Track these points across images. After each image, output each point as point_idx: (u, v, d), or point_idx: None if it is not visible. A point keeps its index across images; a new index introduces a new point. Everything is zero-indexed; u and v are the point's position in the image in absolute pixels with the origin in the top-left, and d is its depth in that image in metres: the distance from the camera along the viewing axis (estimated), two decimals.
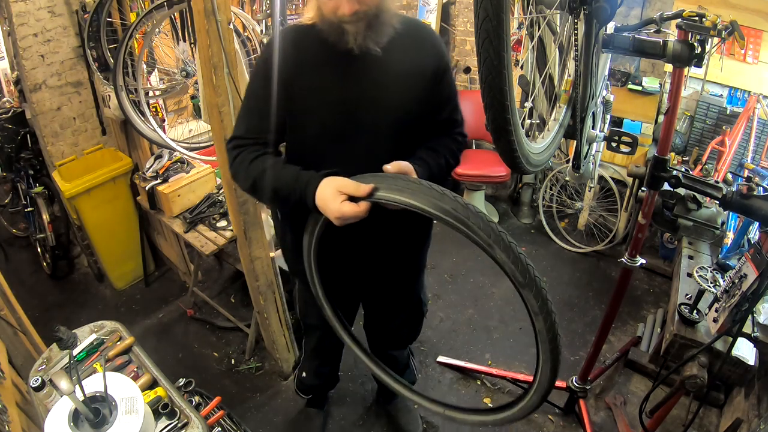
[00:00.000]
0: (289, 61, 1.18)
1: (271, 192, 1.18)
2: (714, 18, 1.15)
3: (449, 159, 1.29)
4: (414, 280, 1.65)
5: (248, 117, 1.26)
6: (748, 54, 2.51)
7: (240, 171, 1.22)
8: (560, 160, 3.20)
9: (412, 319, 1.78)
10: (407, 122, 1.25)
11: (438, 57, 1.25)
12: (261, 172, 1.18)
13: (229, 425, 1.51)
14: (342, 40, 1.11)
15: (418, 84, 1.23)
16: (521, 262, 0.92)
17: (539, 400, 1.19)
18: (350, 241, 1.34)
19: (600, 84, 1.43)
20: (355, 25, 1.08)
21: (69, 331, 1.30)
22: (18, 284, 2.94)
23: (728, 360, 1.45)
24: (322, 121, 1.21)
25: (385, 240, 1.36)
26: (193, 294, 2.76)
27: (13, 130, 2.93)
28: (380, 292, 1.65)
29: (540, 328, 0.98)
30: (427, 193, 0.96)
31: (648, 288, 2.88)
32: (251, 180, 1.20)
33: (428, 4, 3.64)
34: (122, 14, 2.47)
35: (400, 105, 1.22)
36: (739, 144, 2.44)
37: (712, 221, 1.38)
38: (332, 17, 1.08)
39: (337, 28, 1.10)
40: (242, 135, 1.24)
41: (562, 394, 2.13)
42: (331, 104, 1.20)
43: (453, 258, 3.15)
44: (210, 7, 1.47)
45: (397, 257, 1.46)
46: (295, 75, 1.18)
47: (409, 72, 1.21)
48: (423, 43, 1.24)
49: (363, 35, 1.10)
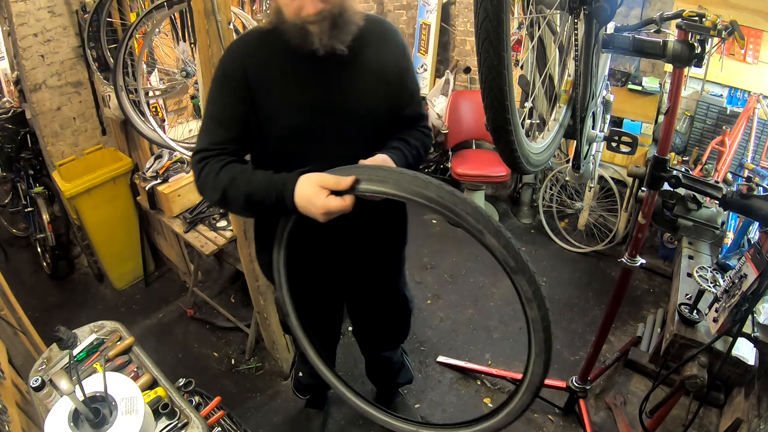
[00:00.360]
0: (250, 68, 1.15)
1: (244, 199, 1.12)
2: (714, 18, 1.15)
3: (420, 150, 1.30)
4: (394, 278, 1.63)
5: (211, 129, 1.21)
6: (748, 54, 2.51)
7: (207, 183, 1.16)
8: (560, 160, 3.19)
9: (399, 317, 1.77)
10: (376, 121, 1.25)
11: (402, 54, 1.25)
12: (230, 180, 1.13)
13: (229, 425, 1.51)
14: (306, 42, 1.08)
15: (385, 82, 1.22)
16: (512, 246, 0.90)
17: (530, 399, 1.10)
18: (325, 240, 1.33)
19: (600, 84, 1.43)
20: (320, 25, 1.06)
21: (69, 331, 1.30)
22: (18, 284, 2.95)
23: (728, 360, 1.45)
24: (288, 125, 1.18)
25: (360, 237, 1.36)
26: (193, 294, 2.76)
27: (13, 130, 2.93)
28: (361, 293, 1.64)
29: (534, 316, 0.94)
30: (411, 182, 0.93)
31: (648, 288, 2.88)
32: (221, 190, 1.14)
33: (428, 4, 3.64)
34: (122, 14, 2.47)
35: (369, 104, 1.22)
36: (739, 144, 2.44)
37: (712, 221, 1.38)
38: (296, 19, 1.06)
39: (300, 30, 1.07)
40: (206, 147, 1.19)
41: (562, 394, 2.13)
42: (297, 108, 1.18)
43: (453, 258, 3.15)
44: (210, 7, 1.47)
45: (374, 255, 1.45)
46: (258, 81, 1.15)
47: (375, 70, 1.21)
48: (387, 41, 1.24)
49: (328, 35, 1.08)
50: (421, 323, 2.65)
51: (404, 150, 1.23)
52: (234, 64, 1.16)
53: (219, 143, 1.18)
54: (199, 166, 1.18)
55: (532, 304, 0.93)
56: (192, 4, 1.60)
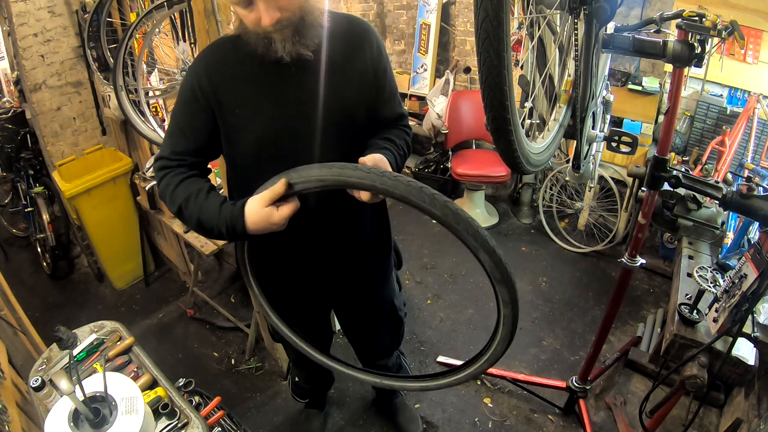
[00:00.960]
0: (215, 77, 1.12)
1: (196, 222, 1.12)
2: (714, 18, 1.15)
3: (405, 149, 1.26)
4: (380, 288, 1.58)
5: (173, 138, 1.18)
6: (748, 54, 2.51)
7: (166, 195, 1.16)
8: (560, 160, 3.20)
9: (390, 326, 1.72)
10: (352, 123, 1.21)
11: (377, 52, 1.21)
12: (185, 200, 1.11)
13: (229, 425, 1.51)
14: (270, 50, 1.05)
15: (360, 82, 1.19)
16: (470, 223, 0.89)
17: (484, 369, 1.20)
18: (304, 249, 1.31)
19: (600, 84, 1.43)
20: (281, 33, 1.03)
21: (69, 331, 1.30)
22: (18, 284, 2.95)
23: (728, 360, 1.45)
24: (257, 135, 1.15)
25: (340, 247, 1.34)
26: (193, 294, 2.76)
27: (13, 130, 2.93)
28: (346, 303, 1.60)
29: (506, 313, 1.04)
30: (348, 167, 0.93)
31: (648, 288, 2.88)
32: (177, 206, 1.13)
33: (428, 4, 3.64)
34: (122, 14, 2.48)
35: (343, 106, 1.18)
36: (739, 144, 2.44)
37: (712, 221, 1.38)
38: (256, 29, 1.04)
39: (263, 39, 1.05)
40: (167, 156, 1.17)
41: (562, 394, 2.13)
42: (266, 117, 1.14)
43: (453, 258, 3.15)
44: (210, 7, 1.47)
45: (355, 265, 1.42)
46: (224, 91, 1.12)
47: (347, 71, 1.17)
48: (358, 40, 1.19)
49: (291, 41, 1.05)
50: (421, 323, 2.65)
51: (393, 150, 1.20)
52: (200, 73, 1.13)
53: (179, 153, 1.16)
54: (159, 174, 1.18)
55: (508, 306, 1.03)
56: (192, 4, 1.60)
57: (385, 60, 1.24)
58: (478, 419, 2.15)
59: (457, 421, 2.14)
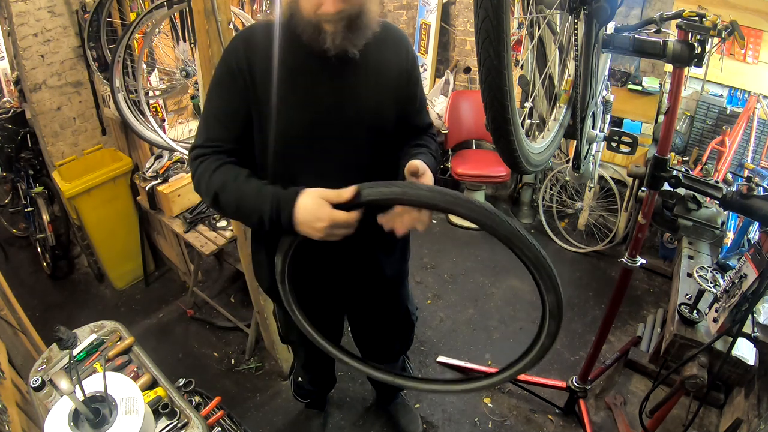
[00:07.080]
0: (256, 61, 1.09)
1: (234, 206, 1.08)
2: (714, 18, 1.15)
3: (437, 156, 1.27)
4: (396, 293, 1.59)
5: (207, 124, 1.16)
6: (748, 54, 2.51)
7: (201, 184, 1.12)
8: (560, 160, 3.19)
9: (400, 331, 1.72)
10: (382, 127, 1.20)
11: (411, 60, 1.22)
12: (222, 184, 1.08)
13: (229, 425, 1.51)
14: (318, 40, 1.04)
15: (395, 87, 1.19)
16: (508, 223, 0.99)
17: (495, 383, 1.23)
18: (326, 255, 1.27)
19: (600, 84, 1.43)
20: (335, 24, 1.02)
21: (69, 331, 1.30)
22: (18, 284, 2.95)
23: (728, 360, 1.45)
24: (291, 124, 1.13)
25: (361, 252, 1.31)
26: (193, 294, 2.76)
27: (13, 130, 2.93)
28: (362, 307, 1.59)
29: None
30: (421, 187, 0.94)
31: (648, 288, 2.88)
32: (213, 193, 1.10)
33: (428, 4, 3.64)
34: (122, 14, 2.48)
35: (375, 110, 1.17)
36: (739, 144, 2.44)
37: (712, 221, 1.38)
38: (311, 15, 1.01)
39: (315, 27, 1.03)
40: (202, 144, 1.14)
41: (562, 394, 2.13)
42: (302, 109, 1.13)
43: (453, 258, 3.15)
44: (210, 7, 1.47)
45: (375, 270, 1.40)
46: (263, 76, 1.09)
47: (385, 75, 1.17)
48: (397, 45, 1.20)
49: (341, 35, 1.03)
50: (421, 323, 2.65)
51: (428, 160, 1.19)
52: (239, 52, 1.10)
53: (215, 140, 1.14)
54: (194, 164, 1.14)
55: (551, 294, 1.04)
56: (192, 4, 1.60)
57: (418, 69, 1.25)
58: (478, 419, 2.15)
59: (457, 421, 2.14)
